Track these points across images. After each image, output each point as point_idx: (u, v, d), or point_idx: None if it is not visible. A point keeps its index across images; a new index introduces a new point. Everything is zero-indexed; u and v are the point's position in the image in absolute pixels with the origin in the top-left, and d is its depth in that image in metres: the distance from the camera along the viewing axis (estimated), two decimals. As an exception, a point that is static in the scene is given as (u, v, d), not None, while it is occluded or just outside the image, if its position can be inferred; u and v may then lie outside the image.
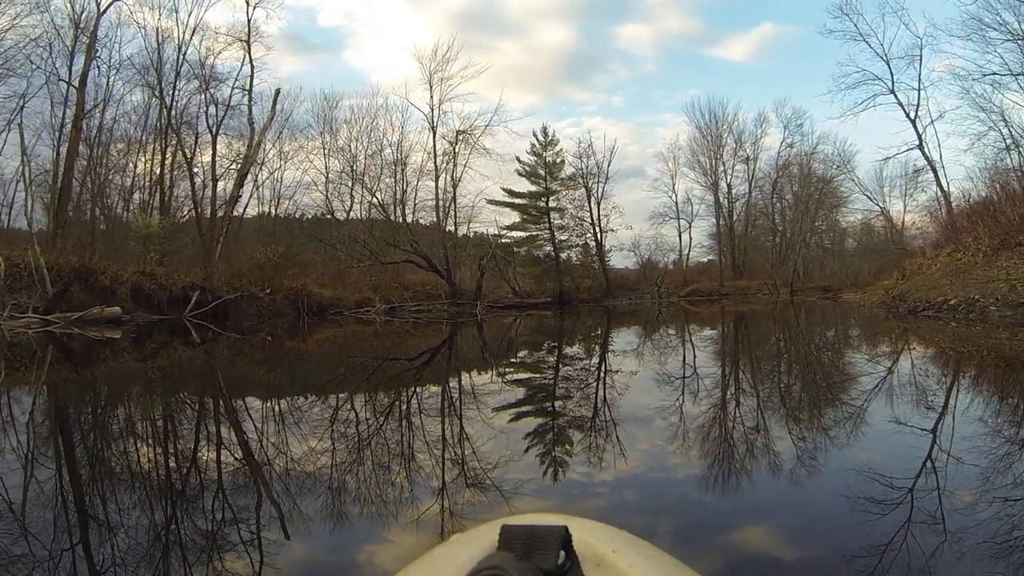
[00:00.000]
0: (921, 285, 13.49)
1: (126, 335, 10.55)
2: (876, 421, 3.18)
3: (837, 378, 5.08)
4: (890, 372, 5.04)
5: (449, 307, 21.53)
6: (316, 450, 2.84)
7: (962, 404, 3.66)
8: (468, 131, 25.28)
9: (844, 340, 8.78)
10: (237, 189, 20.97)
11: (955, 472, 2.22)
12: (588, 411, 3.75)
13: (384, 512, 2.03)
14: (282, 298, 17.35)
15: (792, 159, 34.06)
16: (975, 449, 2.49)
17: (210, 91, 21.23)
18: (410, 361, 7.55)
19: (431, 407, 4.11)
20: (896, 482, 2.11)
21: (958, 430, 2.91)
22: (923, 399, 3.78)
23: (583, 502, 2.10)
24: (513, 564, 0.62)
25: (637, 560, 0.73)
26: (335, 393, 4.80)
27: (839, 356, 6.87)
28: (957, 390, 4.26)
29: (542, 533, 0.70)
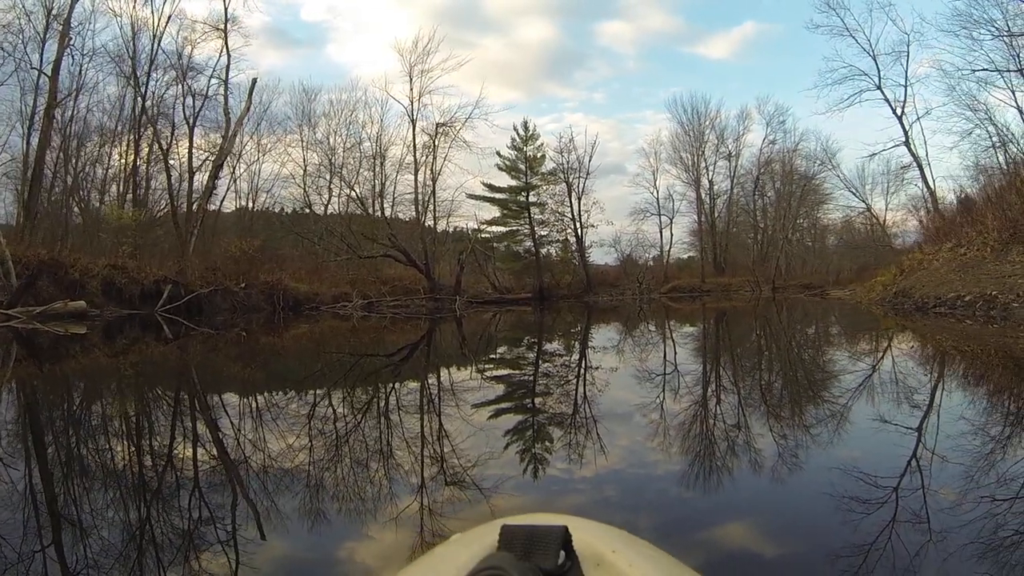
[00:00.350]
0: (925, 281, 13.04)
1: (94, 330, 10.34)
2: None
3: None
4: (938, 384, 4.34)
5: (428, 302, 21.45)
6: (293, 448, 2.81)
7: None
8: (448, 124, 25.18)
9: (851, 339, 8.52)
10: (212, 180, 20.67)
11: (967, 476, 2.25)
12: (570, 408, 3.76)
13: (362, 510, 2.01)
14: (257, 292, 17.16)
15: (774, 156, 34.50)
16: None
17: (187, 82, 20.91)
18: (388, 357, 7.51)
19: (410, 404, 4.08)
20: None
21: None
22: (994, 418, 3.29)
23: (564, 499, 2.10)
24: (513, 564, 0.62)
25: (637, 560, 0.73)
26: (312, 390, 4.75)
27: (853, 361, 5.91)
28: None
29: (542, 533, 0.70)
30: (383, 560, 1.63)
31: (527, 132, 31.65)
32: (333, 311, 17.66)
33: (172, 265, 16.33)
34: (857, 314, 13.26)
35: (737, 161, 35.36)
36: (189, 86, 20.99)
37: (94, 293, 13.71)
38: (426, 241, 24.49)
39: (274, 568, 1.62)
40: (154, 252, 17.70)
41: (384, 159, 25.92)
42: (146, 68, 20.15)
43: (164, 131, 20.88)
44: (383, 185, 25.81)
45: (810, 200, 34.24)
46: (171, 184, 20.89)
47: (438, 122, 25.19)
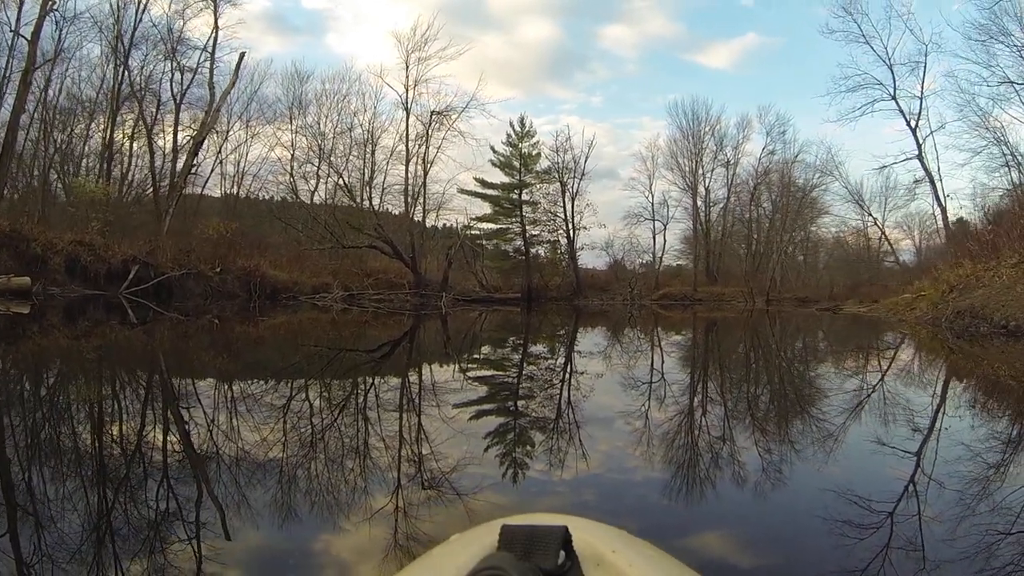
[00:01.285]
0: (998, 300, 11.55)
1: (53, 310, 10.12)
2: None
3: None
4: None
5: (412, 297, 21.34)
6: (264, 445, 2.77)
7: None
8: (444, 112, 25.06)
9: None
10: (191, 157, 20.42)
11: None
12: (553, 413, 3.74)
13: (335, 512, 1.97)
14: (233, 278, 16.95)
15: (773, 166, 34.68)
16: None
17: (177, 58, 20.67)
18: (369, 353, 7.41)
19: (389, 402, 4.03)
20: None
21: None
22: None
23: (542, 500, 2.08)
24: (513, 564, 0.64)
25: (637, 560, 0.75)
26: (288, 385, 4.66)
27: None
28: None
29: (542, 533, 0.72)
30: (357, 554, 1.61)
31: (523, 128, 31.68)
32: (312, 302, 17.50)
33: (143, 245, 16.02)
34: (918, 339, 11.00)
35: (735, 169, 35.58)
36: (179, 62, 20.76)
37: (56, 270, 13.45)
38: (414, 234, 24.39)
39: (238, 570, 1.58)
40: (127, 231, 17.40)
41: (375, 147, 25.81)
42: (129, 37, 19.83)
43: (150, 108, 20.67)
44: (372, 174, 25.71)
45: (806, 214, 34.48)
46: (154, 161, 20.63)
47: (433, 110, 25.11)
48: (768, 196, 35.60)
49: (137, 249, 15.54)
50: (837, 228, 35.88)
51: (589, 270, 33.69)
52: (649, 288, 32.09)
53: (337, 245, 22.96)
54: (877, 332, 12.90)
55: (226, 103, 22.77)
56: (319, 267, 21.65)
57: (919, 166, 26.10)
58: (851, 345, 10.41)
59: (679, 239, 37.32)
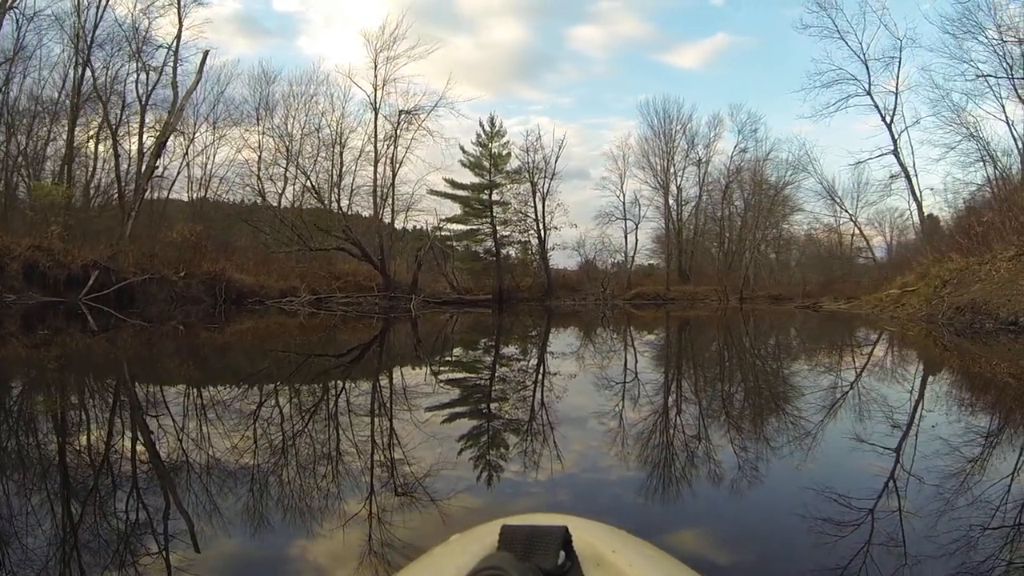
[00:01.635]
0: (1001, 294, 11.15)
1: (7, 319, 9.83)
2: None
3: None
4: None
5: (381, 300, 21.18)
6: (233, 454, 2.73)
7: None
8: (412, 111, 24.90)
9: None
10: (154, 158, 19.95)
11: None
12: (527, 415, 3.75)
13: (306, 518, 1.97)
14: (198, 283, 16.61)
15: (745, 164, 35.06)
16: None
17: (142, 58, 20.18)
18: (339, 358, 7.36)
19: (360, 407, 4.01)
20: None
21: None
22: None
23: (516, 501, 2.08)
24: (513, 564, 0.65)
25: (637, 560, 0.76)
26: (257, 392, 4.61)
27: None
28: None
29: (542, 533, 0.73)
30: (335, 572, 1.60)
31: (493, 128, 31.63)
32: (279, 306, 17.25)
33: (104, 249, 15.60)
34: (914, 337, 10.41)
35: (707, 168, 35.90)
36: (144, 62, 20.27)
37: (13, 276, 13.03)
38: (382, 235, 24.18)
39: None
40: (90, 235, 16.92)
41: (343, 149, 25.53)
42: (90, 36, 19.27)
43: (115, 109, 20.19)
44: (341, 176, 25.43)
45: (779, 211, 34.93)
46: (119, 164, 20.12)
47: (402, 109, 24.91)
48: (740, 194, 36.05)
49: (98, 254, 15.10)
50: (809, 225, 36.51)
51: (560, 270, 33.78)
52: (621, 288, 32.27)
53: (304, 247, 22.61)
54: (870, 330, 12.37)
55: (192, 104, 22.31)
56: (287, 270, 21.33)
57: (894, 161, 26.35)
58: (845, 344, 9.88)
59: (651, 238, 37.58)
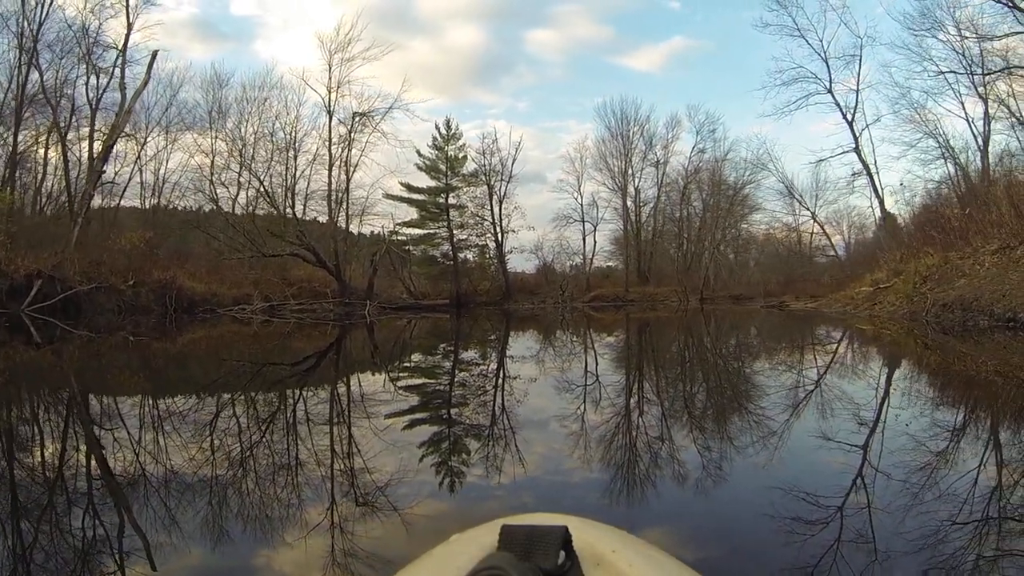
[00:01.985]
0: (987, 289, 10.86)
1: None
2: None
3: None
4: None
5: (337, 307, 20.93)
6: (189, 468, 2.67)
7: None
8: (367, 114, 24.68)
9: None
10: (101, 163, 19.30)
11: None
12: (489, 420, 3.79)
13: (268, 532, 1.97)
14: (148, 291, 16.15)
15: (703, 164, 35.50)
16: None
17: (92, 61, 19.49)
18: (294, 366, 7.29)
19: (318, 416, 3.98)
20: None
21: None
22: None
23: (482, 504, 2.09)
24: (513, 564, 0.65)
25: (637, 560, 0.76)
26: (211, 404, 4.55)
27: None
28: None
29: (542, 533, 0.73)
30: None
31: (449, 131, 31.58)
32: (232, 315, 16.88)
33: (48, 258, 15.03)
34: (894, 335, 10.13)
35: (665, 169, 36.26)
36: (95, 65, 19.60)
37: (-48, 287, 12.49)
38: (337, 240, 23.90)
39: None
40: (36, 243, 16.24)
41: (298, 153, 25.16)
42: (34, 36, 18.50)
43: (64, 112, 19.48)
44: (295, 180, 25.07)
45: (737, 211, 35.35)
46: (68, 170, 19.40)
47: (356, 111, 24.66)
48: (699, 195, 36.51)
49: (42, 263, 14.55)
50: (768, 224, 37.22)
51: (519, 274, 33.88)
52: (580, 290, 32.52)
53: (257, 254, 22.19)
54: (840, 329, 12.02)
55: (144, 108, 21.86)
56: (240, 278, 20.89)
57: (856, 159, 26.59)
58: (814, 344, 9.50)
59: (609, 240, 37.87)
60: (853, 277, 22.60)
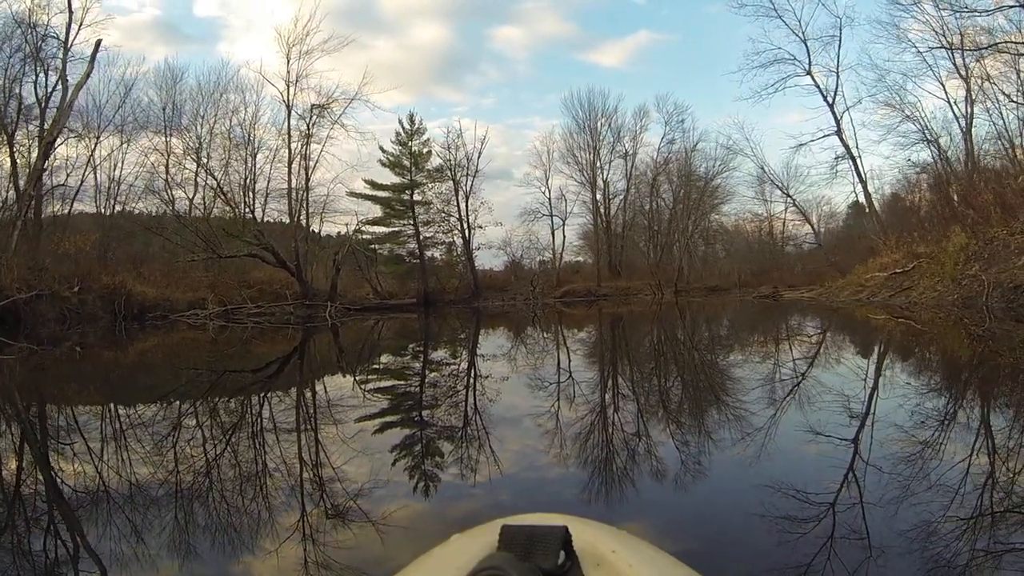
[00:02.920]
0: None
1: None
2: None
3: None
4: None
5: (298, 309, 20.60)
6: (151, 485, 2.60)
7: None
8: (326, 105, 24.33)
9: None
10: (42, 160, 18.63)
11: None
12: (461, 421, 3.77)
13: (238, 548, 1.93)
14: (95, 298, 15.66)
15: (672, 155, 35.69)
16: None
17: (41, 57, 18.82)
18: (255, 373, 7.15)
19: (284, 424, 3.92)
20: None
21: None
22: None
23: (458, 504, 2.09)
24: (513, 564, 0.66)
25: (637, 560, 0.77)
26: (169, 416, 4.43)
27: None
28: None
29: (542, 533, 0.75)
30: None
31: (413, 126, 31.39)
32: (185, 320, 16.45)
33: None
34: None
35: (634, 160, 36.46)
36: (43, 61, 18.93)
37: None
38: (298, 239, 23.53)
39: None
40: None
41: (256, 150, 24.71)
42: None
43: (11, 112, 18.78)
44: (254, 179, 24.61)
45: (708, 201, 35.53)
46: (16, 173, 18.68)
47: (314, 104, 24.26)
48: (669, 187, 36.78)
49: (-24, 271, 14.01)
50: (737, 215, 37.83)
51: (487, 271, 33.93)
52: (550, 286, 32.63)
53: (213, 255, 21.69)
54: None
55: (95, 106, 21.29)
56: (195, 281, 20.45)
57: (838, 143, 26.20)
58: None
59: (577, 235, 38.11)
60: (843, 264, 22.63)
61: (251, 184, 24.38)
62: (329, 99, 24.26)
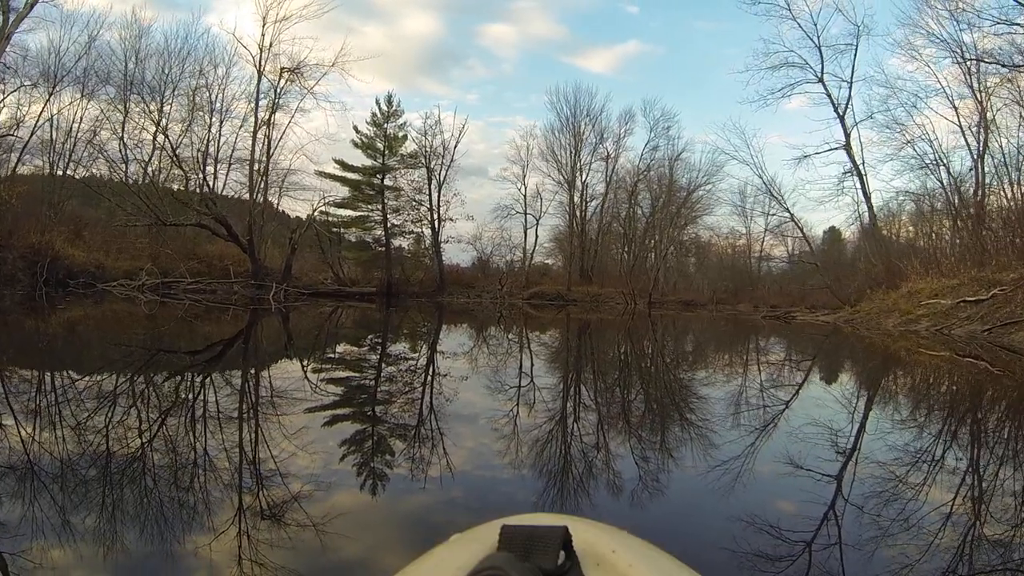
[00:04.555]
0: None
1: None
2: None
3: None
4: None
5: (245, 288, 20.23)
6: (66, 473, 2.49)
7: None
8: (296, 70, 24.01)
9: None
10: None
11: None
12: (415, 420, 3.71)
13: (167, 538, 1.84)
14: (16, 258, 15.15)
15: (655, 163, 36.20)
16: None
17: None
18: (192, 355, 6.95)
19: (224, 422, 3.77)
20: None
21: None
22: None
23: (408, 498, 2.06)
24: (513, 564, 0.69)
25: (637, 560, 0.80)
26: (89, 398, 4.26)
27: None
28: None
29: (542, 533, 0.78)
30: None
31: (390, 108, 31.29)
32: (115, 292, 15.97)
33: None
34: None
35: (615, 165, 36.78)
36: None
37: None
38: (254, 212, 23.08)
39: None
40: None
41: (224, 117, 24.52)
42: None
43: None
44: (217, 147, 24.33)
45: (687, 215, 35.97)
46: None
47: (284, 67, 23.98)
48: (648, 195, 37.11)
49: None
50: (714, 231, 38.51)
51: (454, 266, 34.00)
52: (519, 286, 32.68)
53: (156, 222, 21.09)
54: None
55: (53, 54, 20.90)
56: (139, 250, 19.98)
57: (844, 158, 25.82)
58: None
59: (549, 237, 38.24)
60: (839, 288, 22.83)
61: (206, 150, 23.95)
62: (301, 63, 24.03)
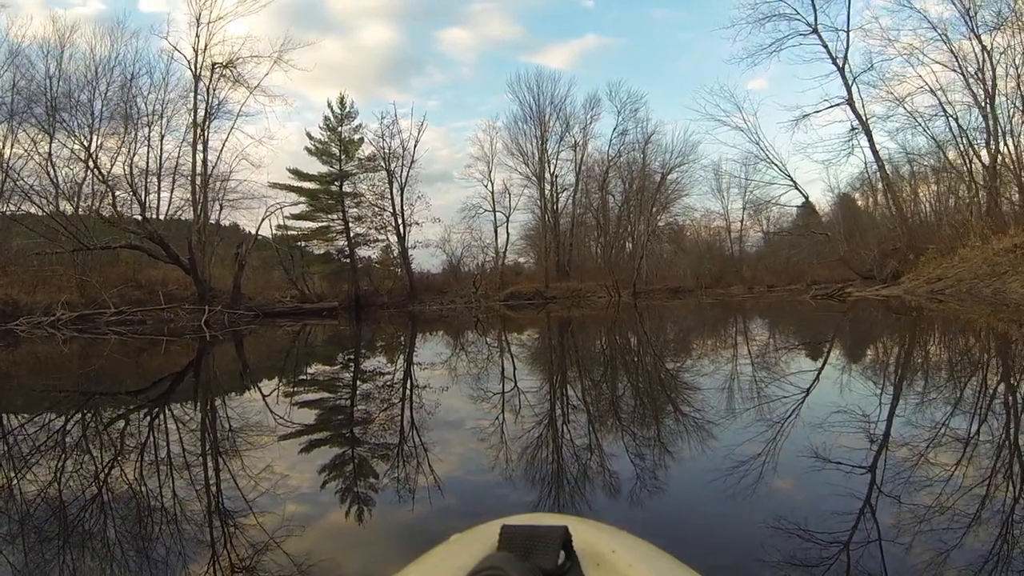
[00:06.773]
0: None
1: None
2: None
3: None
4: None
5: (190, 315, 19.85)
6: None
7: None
8: (232, 65, 23.80)
9: None
10: None
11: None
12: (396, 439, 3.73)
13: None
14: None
15: (624, 148, 36.77)
16: None
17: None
18: (133, 395, 6.89)
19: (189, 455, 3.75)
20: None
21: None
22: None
23: (399, 512, 2.09)
24: (513, 564, 0.73)
25: (637, 560, 0.86)
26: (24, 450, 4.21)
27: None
28: None
29: (542, 533, 0.83)
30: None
31: (343, 110, 31.24)
32: (38, 329, 15.54)
33: None
34: None
35: (584, 153, 37.24)
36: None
37: None
38: (193, 229, 22.62)
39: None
40: None
41: (165, 130, 24.27)
42: None
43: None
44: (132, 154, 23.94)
45: (661, 200, 36.07)
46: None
47: (216, 62, 23.64)
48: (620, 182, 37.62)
49: None
50: (690, 214, 38.94)
51: (424, 272, 34.10)
52: (494, 287, 32.73)
53: (80, 247, 20.32)
54: None
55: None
56: (64, 281, 19.57)
57: (848, 115, 25.52)
58: None
59: (520, 235, 38.37)
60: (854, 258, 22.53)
61: (131, 160, 23.34)
62: (234, 58, 23.74)
